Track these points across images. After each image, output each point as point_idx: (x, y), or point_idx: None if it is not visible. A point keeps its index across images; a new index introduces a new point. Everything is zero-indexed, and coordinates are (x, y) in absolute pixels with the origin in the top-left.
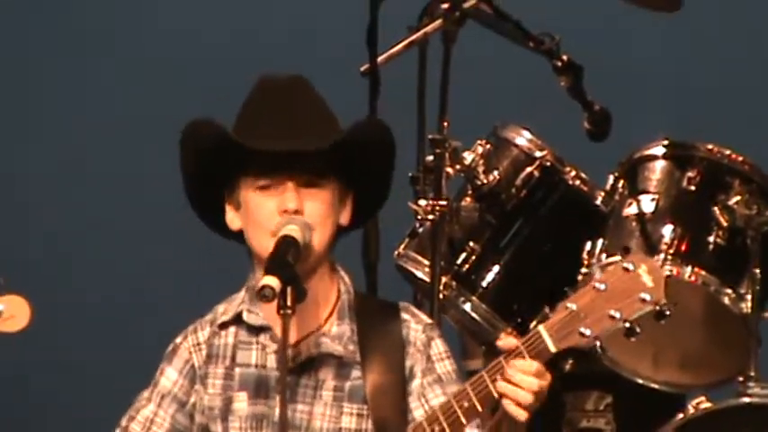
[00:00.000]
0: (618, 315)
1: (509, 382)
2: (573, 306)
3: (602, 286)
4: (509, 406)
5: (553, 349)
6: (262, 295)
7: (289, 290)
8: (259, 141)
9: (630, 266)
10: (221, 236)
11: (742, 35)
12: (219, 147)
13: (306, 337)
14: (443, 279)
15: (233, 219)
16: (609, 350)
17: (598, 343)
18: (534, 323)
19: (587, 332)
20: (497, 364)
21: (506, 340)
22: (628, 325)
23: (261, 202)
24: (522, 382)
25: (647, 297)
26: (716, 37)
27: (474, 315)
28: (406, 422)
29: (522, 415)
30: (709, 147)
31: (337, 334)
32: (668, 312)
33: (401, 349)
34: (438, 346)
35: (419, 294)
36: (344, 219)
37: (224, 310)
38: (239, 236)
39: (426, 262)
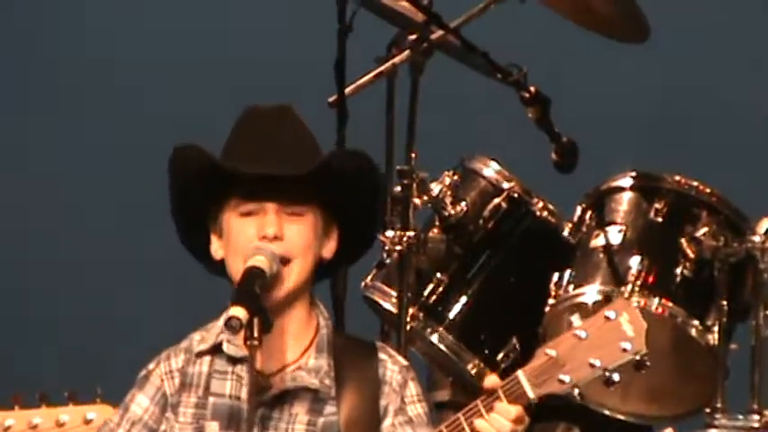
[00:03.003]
0: (598, 363)
1: (489, 423)
2: (552, 352)
3: (583, 334)
4: None
5: (532, 395)
6: (228, 326)
7: (255, 321)
8: (240, 165)
9: (612, 315)
10: (208, 270)
11: (710, 66)
12: (202, 171)
13: (282, 369)
14: (411, 310)
15: (217, 249)
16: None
17: (576, 391)
18: (501, 356)
19: (566, 379)
20: (474, 407)
21: (489, 379)
22: (607, 374)
23: (241, 228)
24: (502, 427)
25: (628, 347)
26: (685, 68)
27: (441, 346)
28: None
29: None
30: (677, 178)
31: (314, 367)
32: (648, 363)
33: (377, 388)
34: (412, 389)
35: (386, 325)
36: (327, 252)
37: (201, 339)
38: (224, 270)
39: (393, 293)
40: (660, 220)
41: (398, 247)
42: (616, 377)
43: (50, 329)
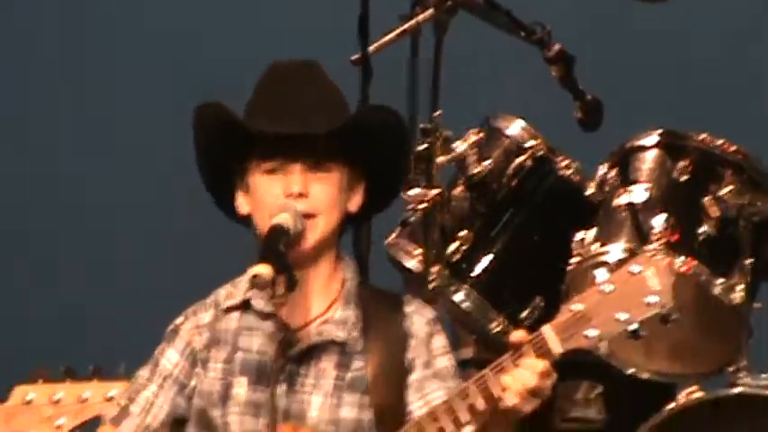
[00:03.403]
0: (624, 318)
1: (515, 378)
2: (579, 307)
3: (609, 288)
4: (512, 401)
5: (558, 350)
6: (253, 284)
7: (280, 278)
8: (265, 123)
9: (638, 269)
10: (232, 220)
11: (736, 22)
12: (226, 129)
13: (309, 323)
14: (434, 268)
15: (242, 203)
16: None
17: (602, 345)
18: (525, 314)
19: (593, 334)
20: (501, 363)
21: (516, 334)
22: (634, 327)
23: (267, 186)
24: (528, 381)
25: (654, 300)
26: (711, 25)
27: (465, 304)
28: (405, 414)
29: (520, 413)
30: (702, 137)
31: (341, 319)
32: (675, 316)
33: (404, 341)
34: (440, 341)
35: (410, 283)
36: (353, 206)
37: (228, 294)
38: (250, 221)
39: (417, 251)
40: (684, 178)
41: (422, 206)
42: (642, 331)
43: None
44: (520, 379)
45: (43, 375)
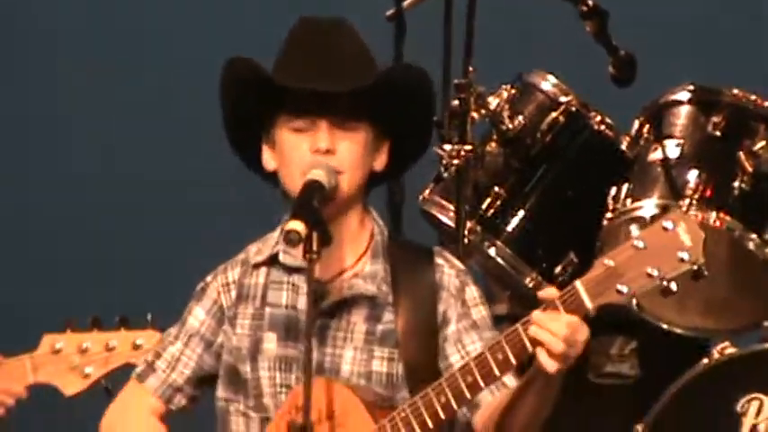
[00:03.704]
0: (656, 273)
1: (540, 327)
2: (611, 263)
3: (641, 244)
4: (541, 354)
5: (589, 305)
6: (288, 239)
7: (315, 234)
8: (293, 80)
9: (670, 225)
10: (258, 176)
11: None
12: (254, 84)
13: (337, 277)
14: (468, 224)
15: (268, 159)
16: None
17: (634, 300)
18: (559, 269)
19: (624, 289)
20: (531, 318)
21: (547, 290)
22: (665, 283)
23: (294, 142)
24: (552, 327)
25: (686, 256)
26: None
27: (499, 260)
28: (436, 366)
29: (552, 366)
30: (735, 92)
31: (370, 273)
32: (705, 273)
33: (434, 293)
34: (472, 292)
35: (444, 239)
36: (379, 164)
37: (257, 250)
38: (276, 177)
39: (451, 207)
40: (718, 133)
41: (456, 161)
42: (674, 287)
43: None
44: (549, 326)
45: (71, 325)
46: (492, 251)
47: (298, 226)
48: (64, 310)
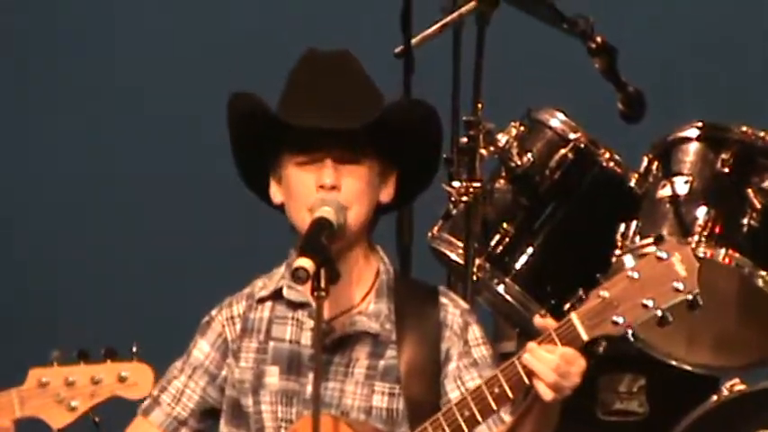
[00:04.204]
0: (651, 304)
1: (532, 356)
2: (606, 294)
3: (636, 275)
4: (537, 384)
5: (585, 337)
6: (296, 277)
7: (323, 271)
8: (297, 117)
9: (664, 255)
10: (269, 205)
11: None
12: (259, 120)
13: (342, 314)
14: (477, 261)
15: (275, 192)
16: (642, 333)
17: (630, 331)
18: (568, 307)
19: (620, 320)
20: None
21: (540, 319)
22: (660, 314)
23: (299, 178)
24: (549, 362)
25: (681, 286)
26: (752, 20)
27: (507, 297)
28: (437, 403)
29: (548, 395)
30: (744, 129)
31: (374, 312)
32: (701, 302)
33: (438, 331)
34: (475, 332)
35: (452, 276)
36: (385, 197)
37: (263, 285)
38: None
39: (460, 243)
40: (727, 170)
41: (465, 198)
42: (669, 317)
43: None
44: (542, 360)
45: (58, 358)
46: (501, 288)
47: (306, 263)
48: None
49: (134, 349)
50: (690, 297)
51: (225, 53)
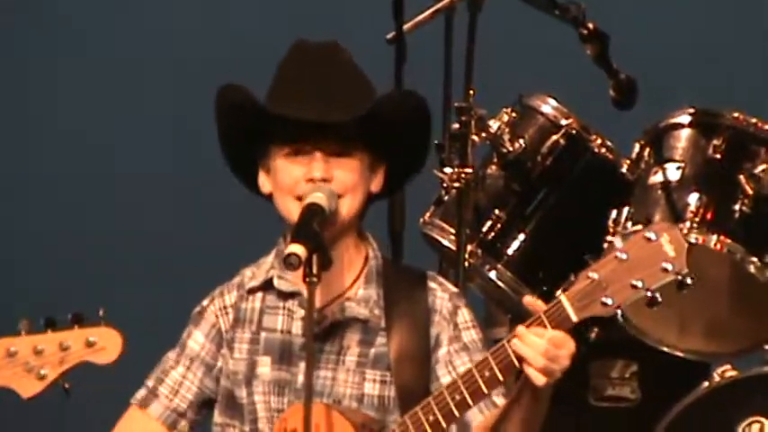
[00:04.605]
0: (640, 284)
1: (521, 341)
2: (595, 275)
3: (625, 256)
4: (527, 369)
5: (575, 318)
6: (288, 263)
7: (314, 258)
8: (287, 109)
9: (653, 236)
10: (258, 195)
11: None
12: (247, 113)
13: (331, 302)
14: (469, 247)
15: (264, 182)
16: (634, 318)
17: (620, 312)
18: (559, 293)
19: (609, 301)
20: (516, 333)
21: (529, 299)
22: (650, 294)
23: (288, 169)
24: (538, 346)
25: (669, 267)
26: (744, 8)
27: (499, 283)
28: (428, 389)
29: (539, 379)
30: (735, 115)
31: (363, 297)
32: (690, 282)
33: (427, 316)
34: (464, 315)
35: (444, 262)
36: (375, 186)
37: (252, 275)
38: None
39: (452, 230)
40: (718, 156)
41: (457, 184)
42: (659, 298)
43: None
44: (531, 344)
45: (26, 327)
46: (493, 274)
47: (298, 249)
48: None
49: (101, 313)
50: (679, 277)
51: (223, 50)
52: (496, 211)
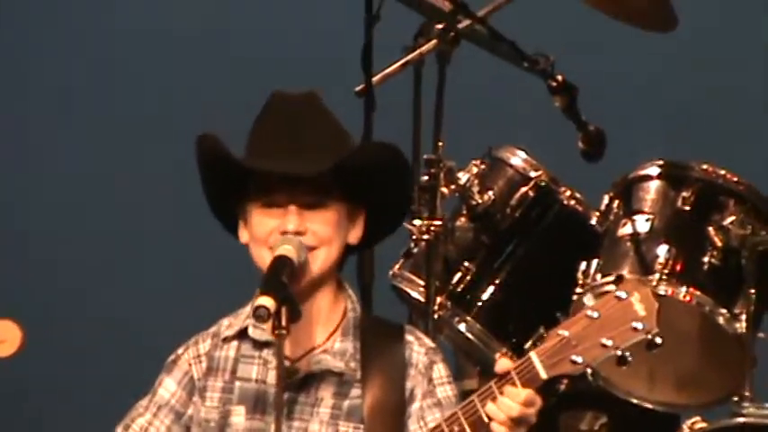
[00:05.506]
0: (610, 343)
1: (499, 407)
2: (565, 333)
3: (595, 314)
4: (498, 429)
5: (544, 376)
6: (257, 315)
7: (283, 310)
8: (258, 162)
9: (623, 295)
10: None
11: (736, 56)
12: (223, 165)
13: (307, 353)
14: (438, 299)
15: (243, 233)
16: (603, 371)
17: (589, 370)
18: (528, 346)
19: (579, 360)
20: (488, 389)
21: (501, 363)
22: (619, 353)
23: (263, 221)
24: (510, 409)
25: (639, 326)
26: (711, 57)
27: (469, 335)
28: None
29: None
30: (704, 167)
31: (339, 350)
32: (659, 341)
33: (403, 370)
34: (440, 371)
35: (414, 314)
36: (354, 238)
37: (229, 324)
38: None
39: (421, 282)
40: (687, 208)
41: (426, 236)
42: (629, 357)
43: None
44: (503, 409)
45: None
46: (462, 326)
47: (266, 302)
48: None
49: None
50: (649, 337)
51: (224, 52)
52: (466, 263)
